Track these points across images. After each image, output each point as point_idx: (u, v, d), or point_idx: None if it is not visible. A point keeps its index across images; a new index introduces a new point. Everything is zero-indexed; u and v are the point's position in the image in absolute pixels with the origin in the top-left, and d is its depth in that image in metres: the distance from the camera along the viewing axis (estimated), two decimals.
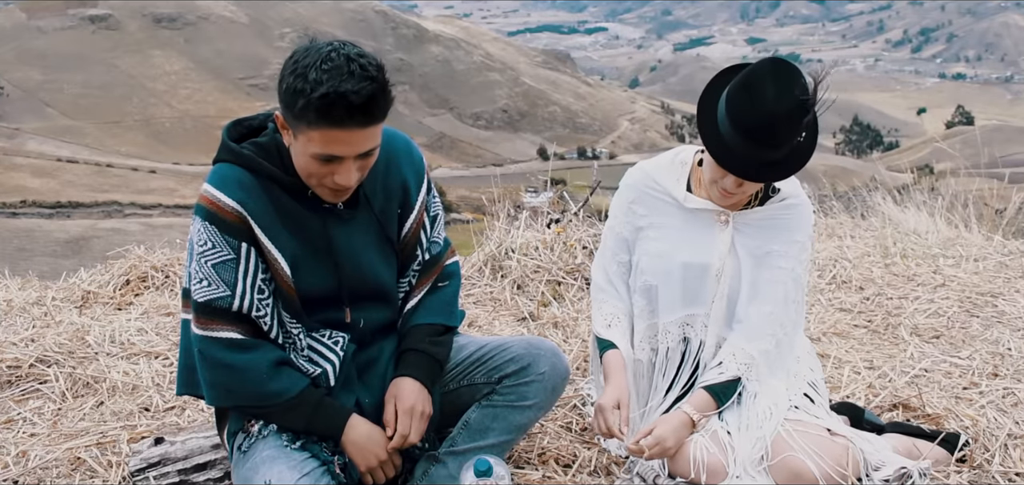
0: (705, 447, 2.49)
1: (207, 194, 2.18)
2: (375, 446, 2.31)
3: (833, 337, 3.80)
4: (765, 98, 2.32)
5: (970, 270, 4.61)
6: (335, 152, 2.05)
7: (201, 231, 2.17)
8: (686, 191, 2.66)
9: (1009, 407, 3.04)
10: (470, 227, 5.19)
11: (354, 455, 2.30)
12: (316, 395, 2.28)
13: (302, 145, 2.07)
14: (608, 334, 2.69)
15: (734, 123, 2.37)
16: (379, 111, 2.05)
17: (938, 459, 2.67)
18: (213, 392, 2.27)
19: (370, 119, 2.03)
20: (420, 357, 2.40)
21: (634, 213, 2.71)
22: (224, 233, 2.16)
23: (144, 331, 3.80)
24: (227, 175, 2.19)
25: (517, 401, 2.45)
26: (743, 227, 2.63)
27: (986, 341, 3.68)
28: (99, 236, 67.86)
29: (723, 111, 2.41)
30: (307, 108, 1.98)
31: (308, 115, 1.99)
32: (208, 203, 2.17)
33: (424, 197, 2.46)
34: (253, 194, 2.18)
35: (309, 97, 1.96)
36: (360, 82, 1.97)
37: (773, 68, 2.36)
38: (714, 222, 2.64)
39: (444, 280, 2.54)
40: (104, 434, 2.92)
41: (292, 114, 2.04)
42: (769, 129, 2.34)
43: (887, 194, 6.37)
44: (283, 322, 2.29)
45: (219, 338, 2.19)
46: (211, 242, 2.16)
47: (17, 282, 4.53)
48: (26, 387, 3.33)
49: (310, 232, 2.26)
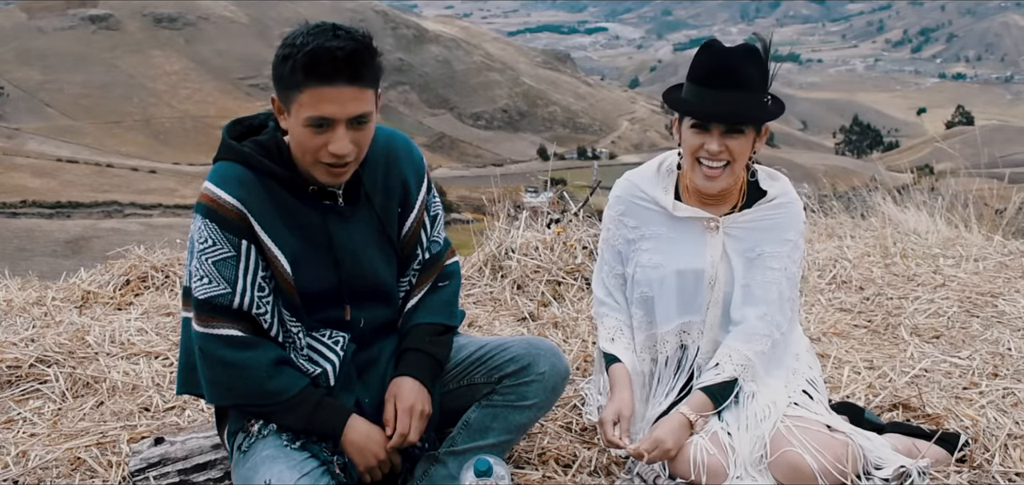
0: (705, 448, 2.49)
1: (208, 192, 2.19)
2: (374, 445, 2.31)
3: (833, 337, 3.80)
4: (717, 49, 2.53)
5: (970, 270, 4.61)
6: (325, 112, 2.08)
7: (202, 228, 2.18)
8: (675, 199, 2.68)
9: (1009, 407, 3.04)
10: (470, 227, 5.20)
11: (353, 455, 2.30)
12: (316, 395, 2.28)
13: (295, 116, 2.12)
14: (612, 348, 2.72)
15: (695, 78, 2.54)
16: (365, 70, 2.11)
17: (938, 459, 2.67)
18: (213, 390, 2.27)
19: (356, 77, 2.09)
20: (420, 357, 2.41)
21: (625, 225, 2.74)
22: (225, 230, 2.17)
23: (144, 331, 3.80)
24: (228, 173, 2.20)
25: (517, 401, 2.45)
26: (733, 231, 2.65)
27: (986, 341, 3.68)
28: (99, 236, 67.84)
29: (686, 80, 2.58)
30: (295, 69, 2.06)
31: (297, 76, 2.06)
32: (209, 200, 2.18)
33: (424, 196, 2.47)
34: (253, 191, 2.19)
35: (296, 57, 2.05)
36: (344, 41, 2.06)
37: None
38: (704, 229, 2.66)
39: (444, 280, 2.55)
40: (104, 434, 2.92)
41: (283, 84, 2.11)
42: (725, 68, 2.49)
43: (887, 194, 6.37)
44: (283, 321, 2.29)
45: (219, 335, 2.20)
46: (212, 239, 2.17)
47: (17, 282, 4.54)
48: (26, 387, 3.34)
49: (310, 229, 2.27)
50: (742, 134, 2.53)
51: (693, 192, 2.67)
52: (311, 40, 2.06)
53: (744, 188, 2.69)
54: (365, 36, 2.12)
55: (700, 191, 2.65)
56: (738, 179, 2.64)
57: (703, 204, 2.67)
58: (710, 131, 2.52)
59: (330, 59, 2.04)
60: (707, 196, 2.66)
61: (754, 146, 2.60)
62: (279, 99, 2.17)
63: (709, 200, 2.67)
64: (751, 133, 2.55)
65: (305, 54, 2.04)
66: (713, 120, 2.51)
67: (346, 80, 2.07)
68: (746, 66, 2.49)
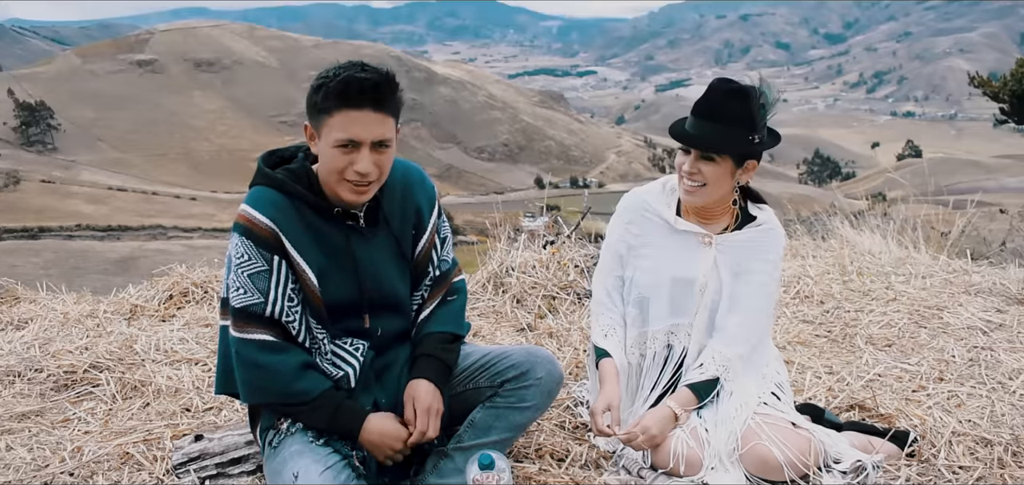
0: (685, 441, 2.50)
1: (244, 213, 2.22)
2: (389, 441, 2.32)
3: (797, 345, 3.80)
4: (713, 86, 2.55)
5: (919, 286, 4.61)
6: (353, 134, 2.12)
7: (238, 245, 2.20)
8: (676, 215, 2.70)
9: (953, 408, 3.04)
10: (475, 248, 5.19)
11: (371, 450, 2.31)
12: (337, 397, 2.29)
13: (325, 139, 2.16)
14: (604, 343, 2.73)
15: (692, 109, 2.57)
16: (388, 100, 2.16)
17: (890, 454, 2.68)
18: (246, 389, 2.28)
19: (380, 104, 2.14)
20: (433, 362, 2.42)
21: (630, 232, 2.75)
22: (259, 247, 2.19)
23: (185, 340, 3.81)
24: (262, 196, 2.23)
25: (517, 403, 2.46)
26: (724, 248, 2.67)
27: (933, 349, 3.68)
28: (145, 256, 67.71)
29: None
30: (328, 96, 2.12)
31: (328, 102, 2.12)
32: (245, 220, 2.20)
33: (435, 220, 2.49)
34: (285, 213, 2.22)
35: (329, 85, 2.12)
36: (371, 73, 2.14)
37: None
38: (699, 243, 2.68)
39: (453, 294, 2.56)
40: (150, 432, 2.92)
41: (316, 110, 2.16)
42: (709, 103, 2.52)
43: (845, 219, 6.37)
44: (310, 329, 2.31)
45: (253, 340, 2.21)
46: (247, 255, 2.19)
47: (73, 297, 4.54)
48: (81, 390, 3.34)
49: (335, 246, 2.29)
50: (713, 161, 2.54)
51: (691, 210, 2.69)
52: (343, 72, 2.12)
53: (738, 214, 2.70)
54: (389, 72, 2.17)
55: (697, 209, 2.67)
56: (718, 200, 2.64)
57: (700, 221, 2.69)
58: (689, 153, 2.57)
59: (359, 87, 2.10)
60: (703, 215, 2.68)
61: (734, 176, 2.60)
62: (311, 125, 2.20)
63: (705, 218, 2.69)
64: (725, 163, 2.55)
65: (338, 82, 2.10)
66: (686, 144, 2.56)
67: (372, 106, 2.12)
68: (728, 103, 2.49)
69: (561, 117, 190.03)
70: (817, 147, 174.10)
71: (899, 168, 57.19)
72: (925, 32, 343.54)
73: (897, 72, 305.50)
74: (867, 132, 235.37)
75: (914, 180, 8.58)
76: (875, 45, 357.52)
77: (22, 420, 3.07)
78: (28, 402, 3.22)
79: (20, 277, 4.84)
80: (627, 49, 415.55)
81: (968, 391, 3.19)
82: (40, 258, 72.64)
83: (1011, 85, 11.29)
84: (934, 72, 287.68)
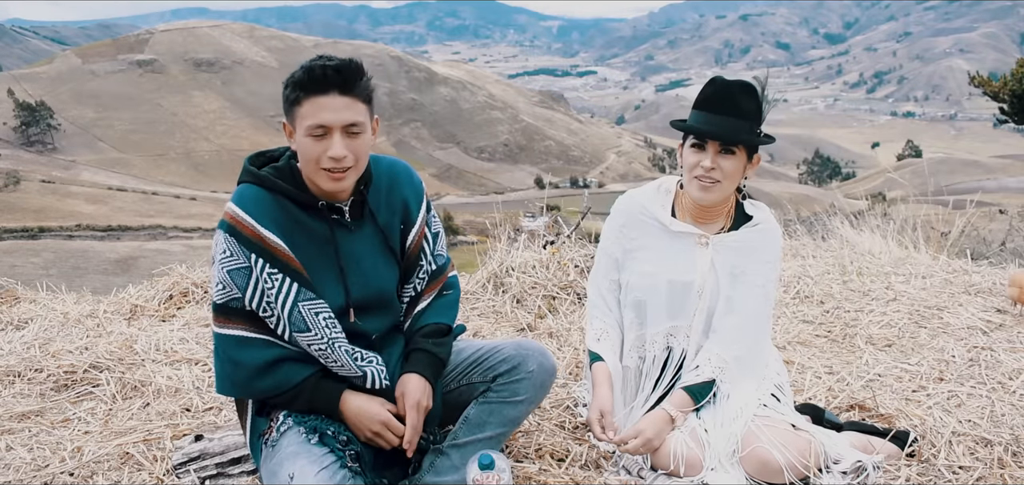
0: (684, 443, 2.50)
1: (230, 211, 2.25)
2: (367, 418, 2.33)
3: (797, 346, 3.80)
4: (719, 82, 2.57)
5: (918, 286, 4.61)
6: (322, 120, 2.17)
7: (222, 242, 2.24)
8: (671, 217, 2.69)
9: (953, 408, 3.04)
10: (475, 248, 5.20)
11: (352, 427, 2.33)
12: (311, 381, 2.31)
13: (300, 130, 2.20)
14: (597, 347, 2.72)
15: (698, 105, 2.57)
16: (354, 83, 2.20)
17: (890, 454, 2.68)
18: (219, 382, 2.32)
19: (347, 88, 2.19)
20: (425, 356, 2.44)
21: (625, 236, 2.74)
22: (241, 244, 2.22)
23: (185, 340, 3.81)
24: (247, 194, 2.26)
25: (510, 397, 2.47)
26: (721, 249, 2.66)
27: (933, 349, 3.68)
28: (145, 256, 67.76)
29: (692, 108, 2.60)
30: (295, 86, 2.18)
31: (297, 93, 2.18)
32: (230, 218, 2.24)
33: (424, 215, 2.51)
34: (270, 209, 2.25)
35: (296, 77, 2.18)
36: (333, 60, 2.19)
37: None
38: (695, 244, 2.67)
39: (447, 289, 2.60)
40: (150, 432, 2.92)
41: (288, 104, 2.22)
42: (724, 96, 2.53)
43: (845, 219, 6.39)
44: (328, 325, 2.30)
45: (230, 335, 2.26)
46: (230, 251, 2.22)
47: (73, 297, 4.55)
48: (81, 390, 3.34)
49: (319, 239, 2.31)
50: (733, 154, 2.54)
51: (687, 210, 2.68)
52: (309, 62, 2.19)
53: (732, 212, 2.70)
54: (353, 60, 2.22)
55: (693, 209, 2.67)
56: (727, 197, 2.64)
57: (696, 222, 2.69)
58: (706, 149, 2.55)
59: (322, 72, 2.16)
60: (699, 215, 2.67)
61: (745, 171, 2.61)
62: (288, 122, 2.26)
63: (701, 218, 2.68)
64: (742, 156, 2.56)
65: (303, 70, 2.18)
66: (709, 138, 2.53)
67: (338, 90, 2.17)
68: (742, 97, 2.52)
69: (561, 117, 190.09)
70: (817, 147, 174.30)
71: (899, 168, 57.12)
72: (925, 32, 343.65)
73: (897, 72, 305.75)
74: (867, 132, 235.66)
75: (914, 180, 8.58)
76: (875, 45, 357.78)
77: (22, 420, 3.07)
78: (28, 402, 3.22)
79: (20, 277, 4.85)
80: (627, 49, 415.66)
81: (968, 391, 3.19)
82: (40, 258, 72.70)
83: (1011, 85, 11.32)
84: (934, 72, 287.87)
